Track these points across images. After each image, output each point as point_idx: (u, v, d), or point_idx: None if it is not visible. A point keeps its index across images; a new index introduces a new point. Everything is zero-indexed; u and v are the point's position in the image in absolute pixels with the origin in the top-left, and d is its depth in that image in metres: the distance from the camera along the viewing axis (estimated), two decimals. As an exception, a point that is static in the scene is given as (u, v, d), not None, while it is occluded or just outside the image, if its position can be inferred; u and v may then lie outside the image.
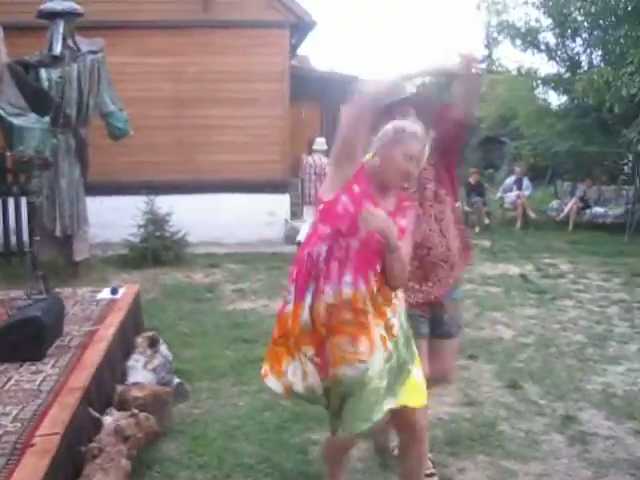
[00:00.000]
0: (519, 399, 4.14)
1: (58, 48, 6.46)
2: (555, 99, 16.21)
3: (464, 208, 11.75)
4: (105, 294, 4.92)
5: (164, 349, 4.25)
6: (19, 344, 3.36)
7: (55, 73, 6.42)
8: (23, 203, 6.08)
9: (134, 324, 4.69)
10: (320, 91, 13.25)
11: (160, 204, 8.56)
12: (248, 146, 10.32)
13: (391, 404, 2.41)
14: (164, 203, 8.58)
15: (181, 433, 3.46)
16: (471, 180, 13.23)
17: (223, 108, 10.05)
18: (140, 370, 3.89)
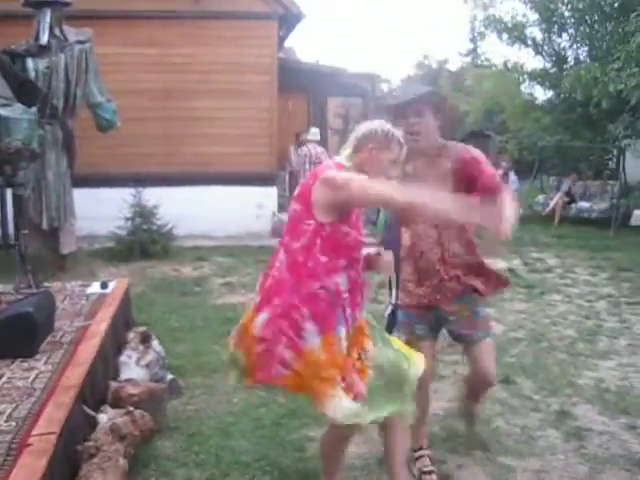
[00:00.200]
0: (513, 394, 4.15)
1: (45, 37, 6.34)
2: (541, 94, 16.25)
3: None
4: (95, 288, 4.84)
5: (156, 344, 4.21)
6: (10, 340, 3.29)
7: (42, 63, 6.29)
8: (9, 195, 5.96)
9: (124, 319, 4.63)
10: (307, 83, 13.21)
11: (147, 196, 8.48)
12: (236, 138, 10.26)
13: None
14: (151, 195, 8.50)
15: (176, 430, 3.42)
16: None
17: (211, 100, 9.98)
18: (133, 366, 3.84)
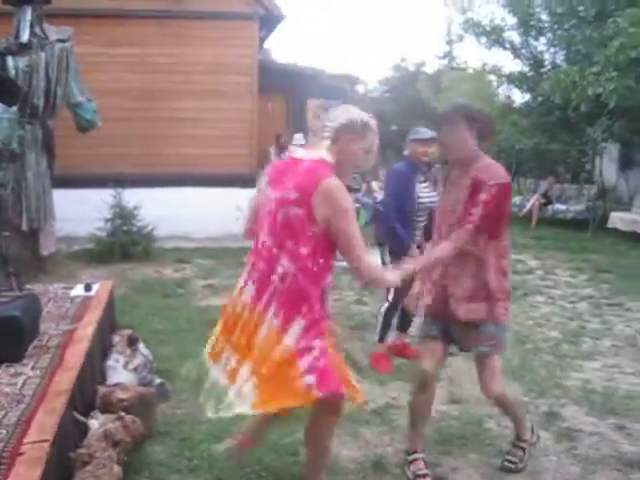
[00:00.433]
0: (502, 396, 4.15)
1: (26, 36, 6.21)
2: (519, 97, 16.41)
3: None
4: (78, 291, 4.75)
5: (143, 348, 4.14)
6: (-4, 345, 3.21)
7: (22, 61, 6.16)
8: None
9: (109, 322, 4.55)
10: (286, 84, 13.16)
11: (128, 198, 8.37)
12: (217, 139, 10.18)
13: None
14: (132, 197, 8.40)
15: (167, 435, 3.37)
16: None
17: (192, 100, 9.90)
18: (120, 370, 3.77)
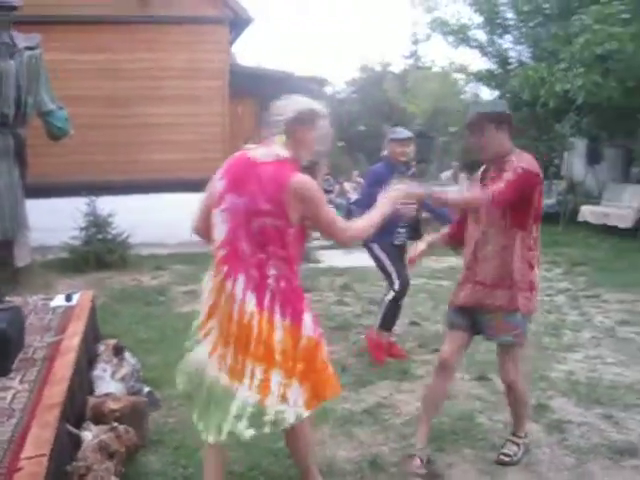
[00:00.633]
0: (490, 391, 4.20)
1: (-7, 43, 6.09)
2: (487, 94, 16.60)
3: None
4: (59, 301, 4.67)
5: (129, 357, 4.09)
6: (-18, 359, 3.14)
7: (-9, 70, 6.04)
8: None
9: (93, 332, 4.49)
10: (256, 88, 13.11)
11: (102, 205, 8.27)
12: (189, 144, 10.13)
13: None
14: (106, 204, 8.30)
15: (160, 444, 3.33)
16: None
17: (164, 106, 9.83)
18: (108, 380, 3.72)
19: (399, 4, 51.50)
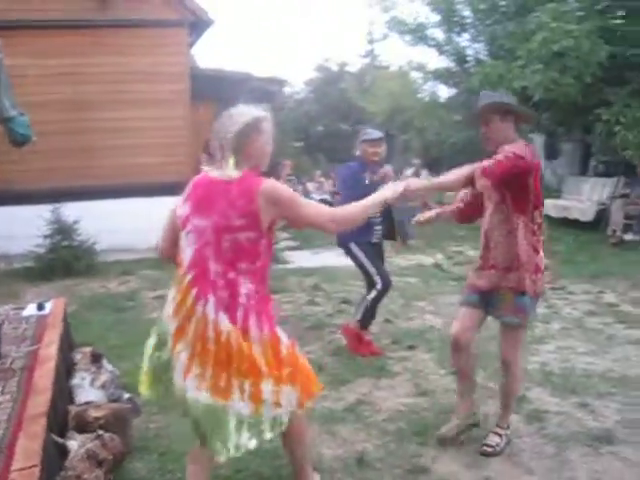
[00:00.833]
0: (467, 384, 4.26)
1: (-48, 49, 5.93)
2: (445, 92, 16.81)
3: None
4: (31, 310, 4.59)
5: (107, 364, 4.05)
6: (-41, 372, 3.08)
7: (-49, 76, 5.89)
8: None
9: (68, 340, 4.42)
10: (216, 90, 13.04)
11: (66, 212, 8.14)
12: (152, 148, 10.04)
13: None
14: (70, 211, 8.16)
15: (145, 450, 3.30)
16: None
17: (126, 110, 9.71)
18: (88, 388, 3.67)
19: (355, 4, 51.72)
